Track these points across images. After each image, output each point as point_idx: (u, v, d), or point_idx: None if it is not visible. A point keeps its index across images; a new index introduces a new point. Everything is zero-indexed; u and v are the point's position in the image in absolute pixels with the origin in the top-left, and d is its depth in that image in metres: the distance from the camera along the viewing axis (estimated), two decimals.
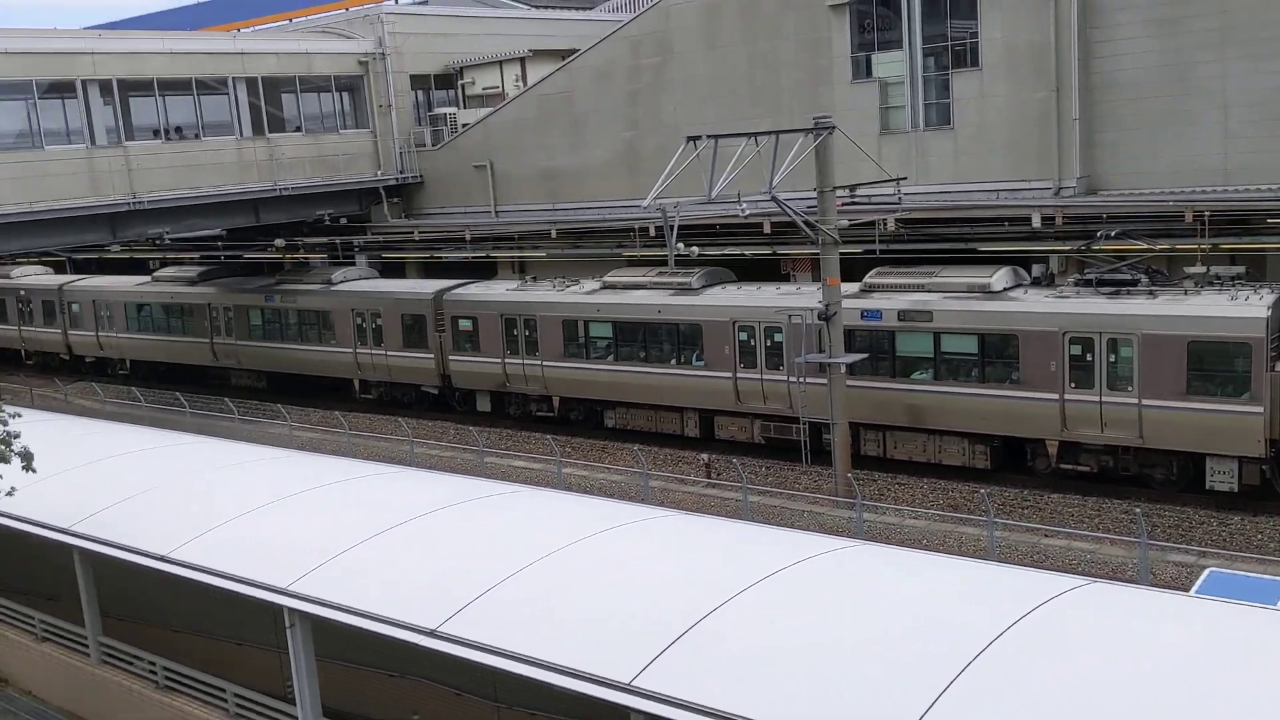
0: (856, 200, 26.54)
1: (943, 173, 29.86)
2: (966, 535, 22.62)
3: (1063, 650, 10.37)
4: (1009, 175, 28.62)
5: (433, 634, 12.56)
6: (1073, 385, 23.86)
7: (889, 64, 30.76)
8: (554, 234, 37.02)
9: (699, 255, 26.15)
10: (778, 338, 27.99)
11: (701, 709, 10.39)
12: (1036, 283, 26.37)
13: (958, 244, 28.18)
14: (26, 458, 15.96)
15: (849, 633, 11.36)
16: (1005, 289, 25.65)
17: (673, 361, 30.12)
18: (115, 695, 17.62)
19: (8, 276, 52.56)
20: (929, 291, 26.31)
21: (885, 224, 28.93)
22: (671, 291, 30.51)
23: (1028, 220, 27.60)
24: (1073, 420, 24.00)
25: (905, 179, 27.08)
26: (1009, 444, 25.86)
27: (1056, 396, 24.06)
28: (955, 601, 11.83)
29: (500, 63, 43.90)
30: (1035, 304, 24.76)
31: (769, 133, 24.42)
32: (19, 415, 16.65)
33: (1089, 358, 23.65)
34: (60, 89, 33.90)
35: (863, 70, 31.24)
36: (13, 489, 16.21)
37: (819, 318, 25.30)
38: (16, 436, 16.02)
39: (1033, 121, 28.27)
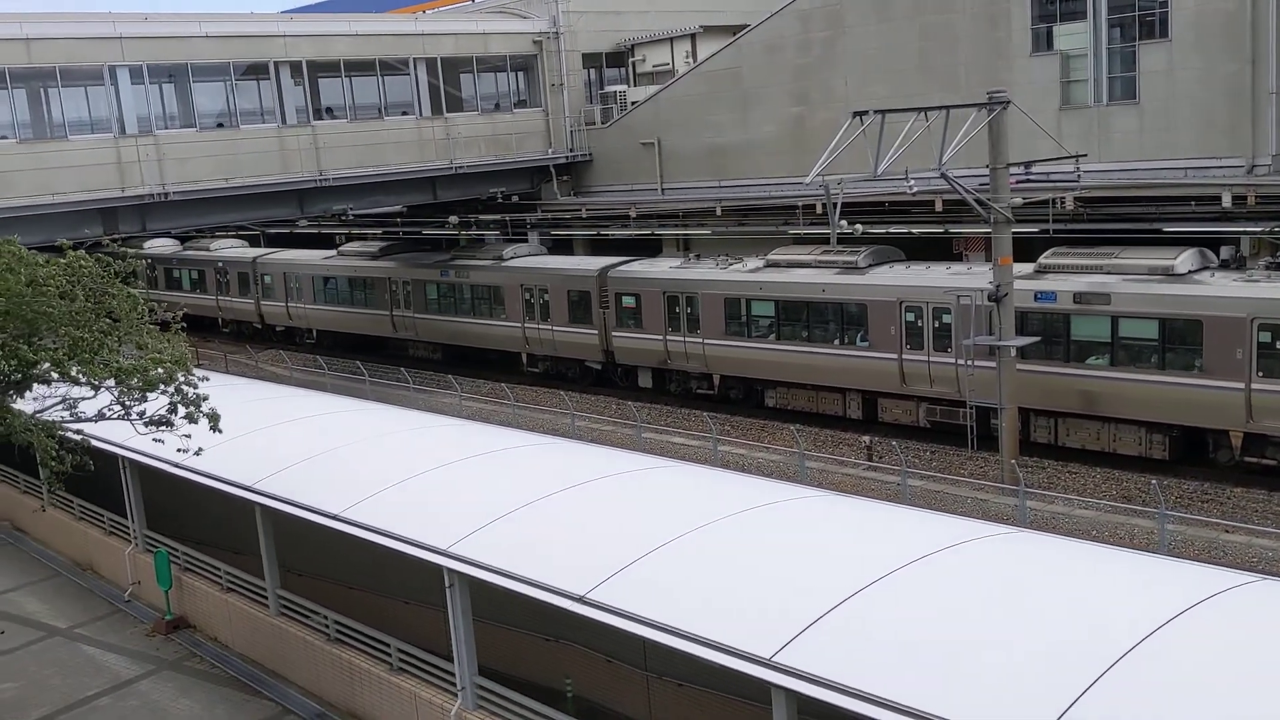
0: (1032, 178, 25.66)
1: (1126, 149, 28.58)
2: (1139, 528, 21.70)
3: (1221, 647, 9.90)
4: (1198, 152, 27.20)
5: (581, 600, 12.86)
6: (1260, 374, 22.54)
7: (1072, 35, 29.58)
8: (719, 211, 37.06)
9: (863, 233, 25.74)
10: (946, 319, 27.35)
11: (841, 688, 10.34)
12: (1225, 265, 24.97)
13: (1140, 224, 26.96)
14: (214, 419, 16.93)
15: (998, 619, 11.11)
16: (1190, 271, 24.38)
17: (836, 342, 29.78)
18: (290, 644, 18.66)
19: (207, 249, 55.89)
20: (1108, 273, 25.25)
21: (1063, 202, 27.90)
22: (837, 270, 30.15)
23: (1217, 199, 26.18)
24: (1260, 411, 22.68)
25: (1085, 155, 26.03)
26: (1189, 434, 24.66)
27: (1242, 385, 22.78)
28: (1112, 592, 11.41)
29: (671, 39, 44.11)
30: (1222, 288, 23.46)
31: (939, 108, 23.83)
32: (207, 379, 17.70)
33: (1279, 345, 22.29)
34: (255, 70, 35.81)
35: (1043, 42, 30.14)
36: (200, 449, 17.22)
37: (989, 299, 24.61)
38: (205, 399, 17.02)
39: (1225, 95, 26.76)
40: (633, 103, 42.33)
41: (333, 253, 49.01)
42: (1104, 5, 28.58)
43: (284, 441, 20.10)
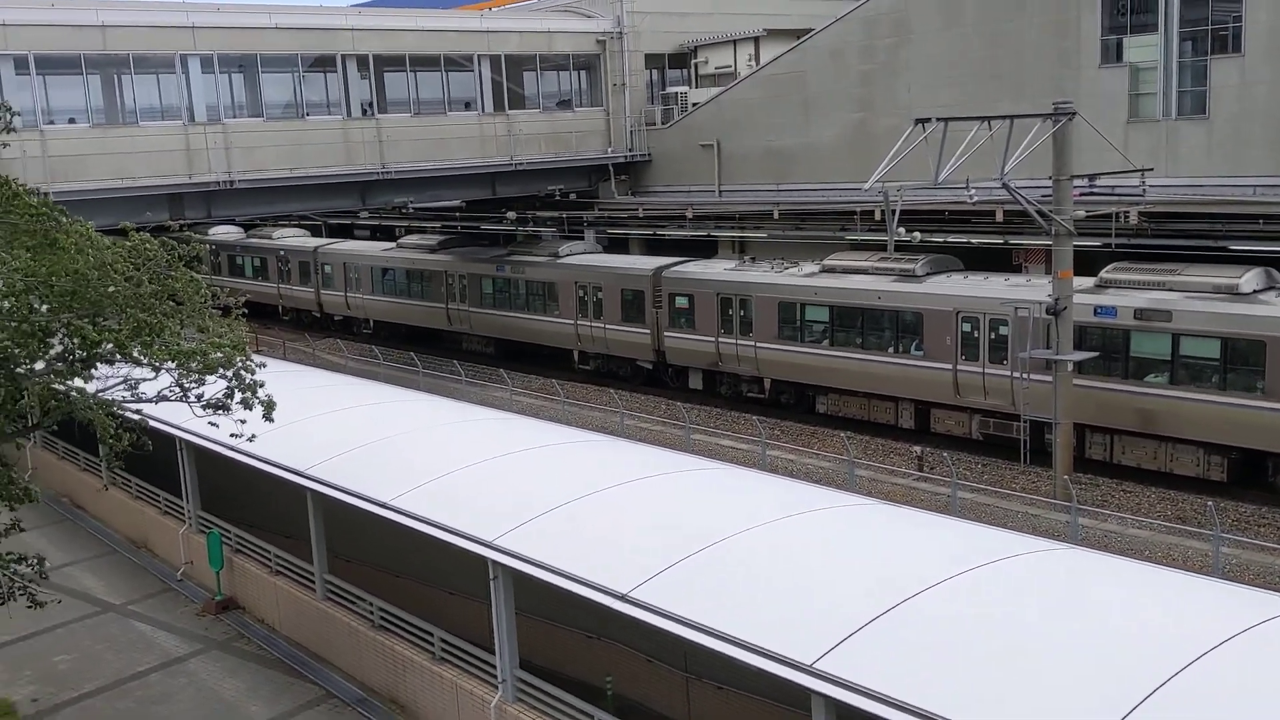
0: (1096, 190, 25.29)
1: (1194, 165, 28.04)
2: (1192, 550, 21.30)
3: (1275, 672, 9.70)
4: (1268, 169, 26.61)
5: (624, 598, 12.88)
6: None
7: (1142, 48, 29.08)
8: (776, 215, 36.91)
9: (921, 241, 25.52)
10: (1003, 331, 27.05)
11: (882, 697, 10.27)
12: None
13: (1206, 241, 26.46)
14: (269, 406, 17.09)
15: (1042, 635, 10.97)
16: (1255, 291, 23.91)
17: (890, 350, 29.57)
18: (335, 629, 18.90)
19: (270, 238, 56.70)
20: (1170, 290, 24.84)
21: (1126, 217, 27.46)
22: (894, 278, 29.92)
23: None
24: None
25: (1151, 170, 25.60)
26: (1249, 457, 24.16)
27: None
28: (1163, 613, 11.23)
29: (734, 42, 44.02)
30: None
31: (1002, 117, 23.54)
32: (265, 365, 17.91)
33: None
34: (322, 63, 36.28)
35: (1113, 54, 29.66)
36: (253, 435, 17.42)
37: (1048, 312, 24.31)
38: (261, 385, 17.22)
39: None
40: (694, 104, 42.33)
41: (392, 245, 49.49)
42: (1176, 18, 28.08)
43: (337, 429, 20.37)
